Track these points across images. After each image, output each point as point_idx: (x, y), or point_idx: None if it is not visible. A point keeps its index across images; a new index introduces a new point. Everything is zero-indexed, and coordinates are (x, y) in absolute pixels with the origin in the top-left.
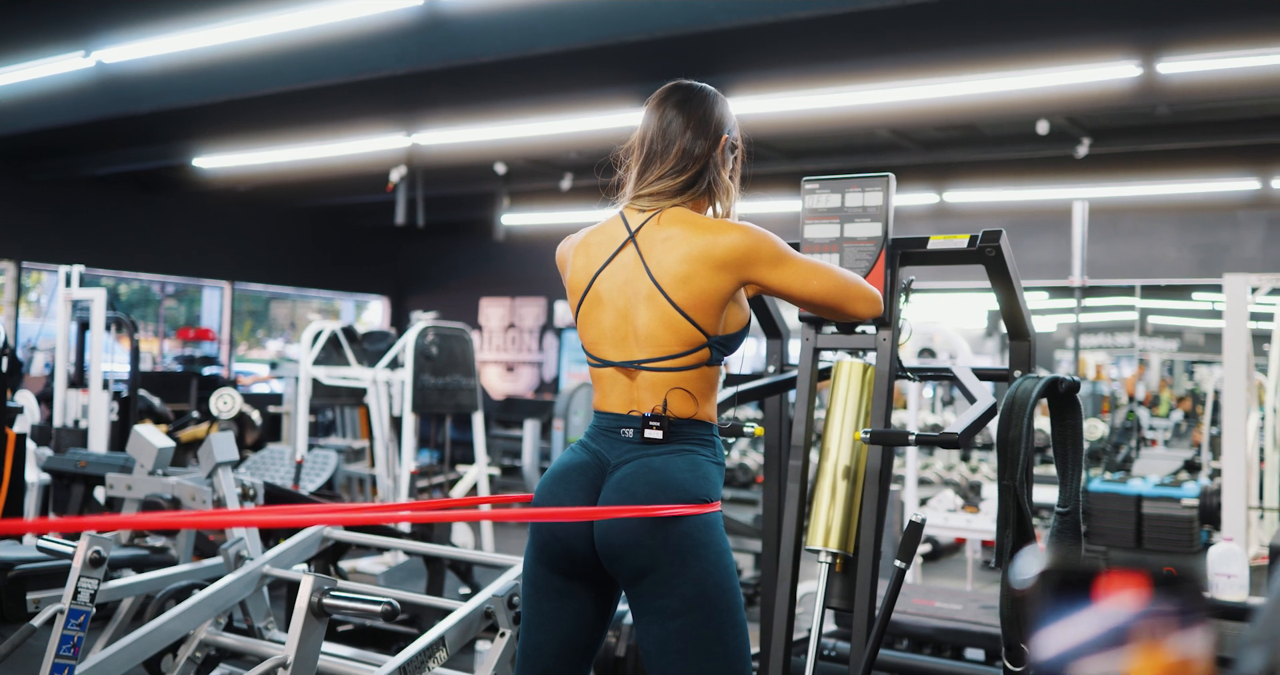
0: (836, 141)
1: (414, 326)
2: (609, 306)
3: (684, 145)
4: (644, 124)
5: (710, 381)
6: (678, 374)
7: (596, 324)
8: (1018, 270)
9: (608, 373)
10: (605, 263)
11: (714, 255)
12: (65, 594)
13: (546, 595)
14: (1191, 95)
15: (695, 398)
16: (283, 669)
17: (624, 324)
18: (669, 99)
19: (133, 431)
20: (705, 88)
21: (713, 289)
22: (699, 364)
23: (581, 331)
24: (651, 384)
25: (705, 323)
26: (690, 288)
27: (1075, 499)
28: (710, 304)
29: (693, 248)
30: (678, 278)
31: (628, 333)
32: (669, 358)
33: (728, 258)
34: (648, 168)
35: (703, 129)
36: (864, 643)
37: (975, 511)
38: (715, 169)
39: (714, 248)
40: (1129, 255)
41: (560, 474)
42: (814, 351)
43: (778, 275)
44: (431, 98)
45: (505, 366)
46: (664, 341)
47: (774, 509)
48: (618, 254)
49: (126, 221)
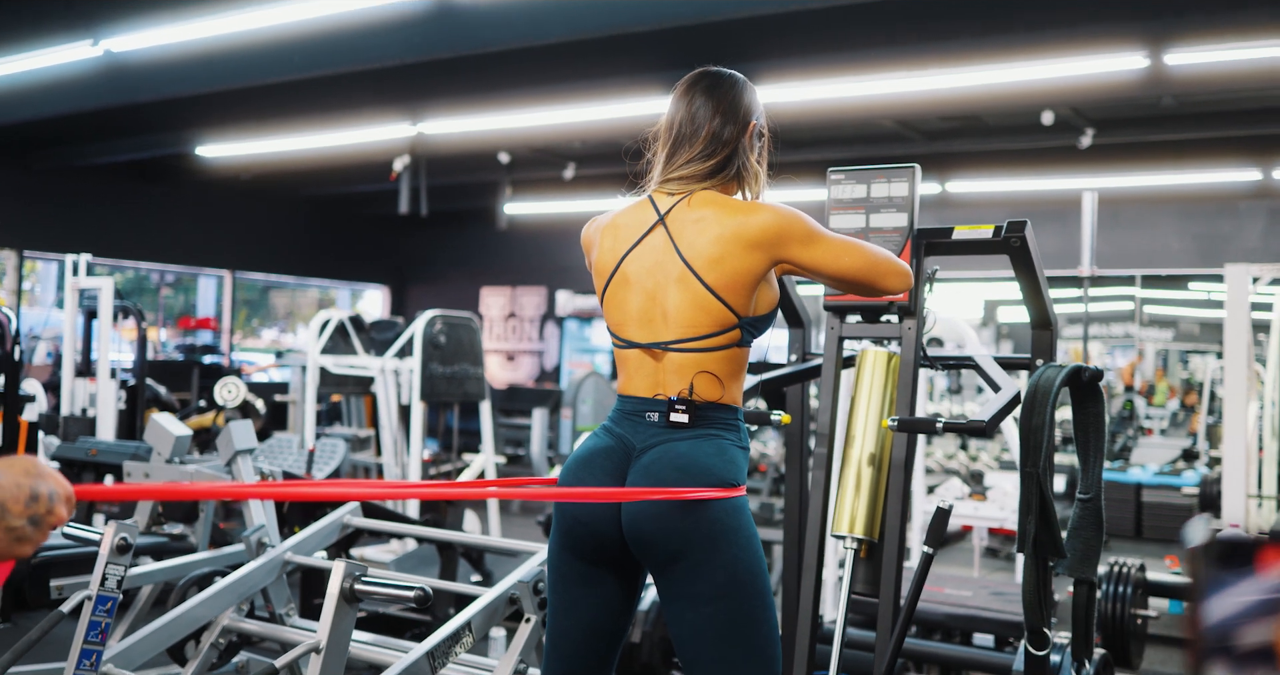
0: (841, 131)
1: (421, 316)
2: (637, 288)
3: (713, 129)
4: (671, 110)
5: (738, 364)
6: (706, 355)
7: (623, 305)
8: (1041, 261)
9: (633, 354)
10: (634, 245)
11: (746, 235)
12: (93, 580)
13: (572, 582)
14: (1196, 86)
15: (722, 381)
16: (315, 654)
17: (652, 305)
18: (697, 85)
19: (150, 419)
20: (733, 74)
21: (745, 269)
22: (728, 345)
23: (607, 313)
24: (678, 366)
25: (737, 303)
26: (723, 268)
27: (1097, 486)
28: (742, 284)
29: (725, 228)
30: (710, 259)
31: (656, 314)
32: (698, 338)
33: (760, 237)
34: (676, 151)
35: (731, 114)
36: (890, 627)
37: (982, 499)
38: (744, 154)
39: (746, 228)
40: (1130, 245)
41: (585, 459)
42: (839, 340)
43: (809, 253)
44: (438, 87)
45: (506, 356)
46: (694, 322)
47: (795, 496)
48: (646, 236)
49: (127, 210)
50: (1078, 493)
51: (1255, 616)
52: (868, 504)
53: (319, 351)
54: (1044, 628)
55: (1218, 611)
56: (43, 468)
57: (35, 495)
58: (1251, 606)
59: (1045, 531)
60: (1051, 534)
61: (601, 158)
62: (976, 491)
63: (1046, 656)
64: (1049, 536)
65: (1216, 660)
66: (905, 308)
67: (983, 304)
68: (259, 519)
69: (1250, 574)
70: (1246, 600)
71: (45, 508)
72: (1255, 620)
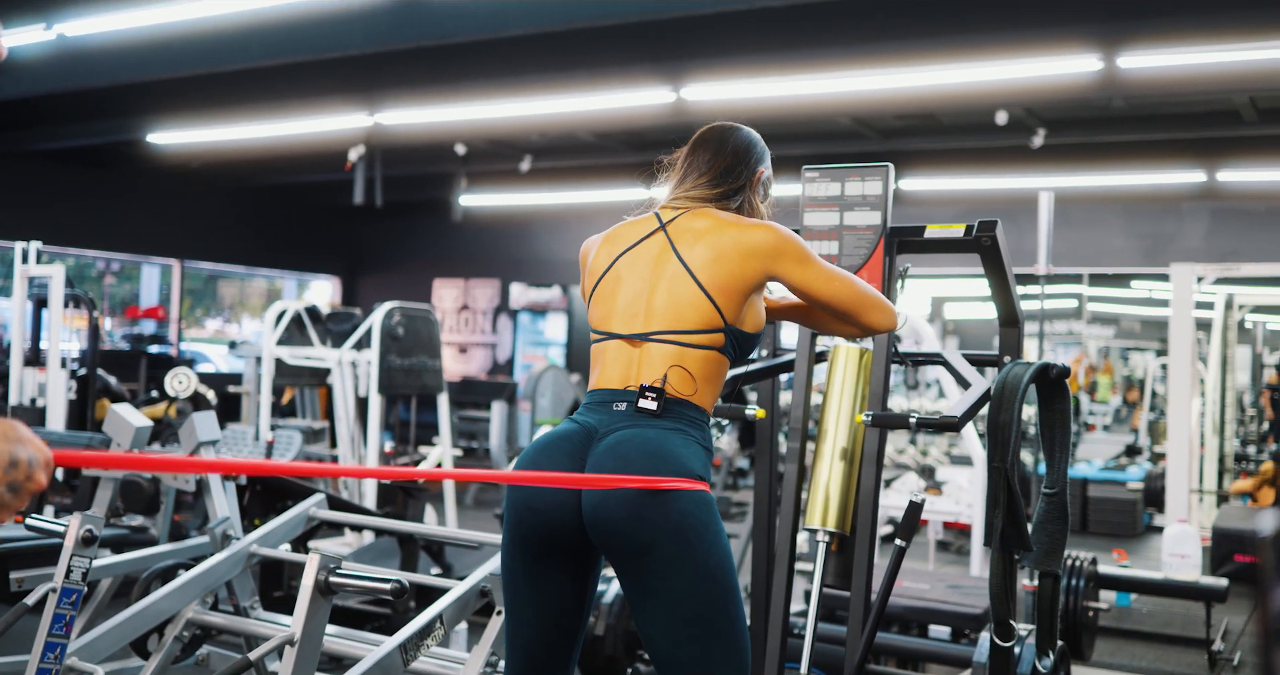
0: (797, 129)
1: (380, 308)
2: (627, 285)
3: (725, 164)
4: (687, 148)
5: (715, 369)
6: (685, 351)
7: (610, 300)
8: (1010, 259)
9: (611, 345)
10: (630, 247)
11: (744, 244)
12: (58, 573)
13: (522, 579)
14: (1147, 89)
15: (696, 380)
16: (290, 646)
17: (640, 301)
18: (714, 130)
19: (110, 409)
20: (748, 128)
21: (739, 274)
22: (709, 346)
23: (592, 309)
24: (656, 357)
25: (726, 308)
26: (717, 269)
27: (1062, 481)
28: (734, 289)
29: (724, 235)
30: (706, 260)
31: (641, 308)
32: (681, 333)
33: (758, 248)
34: (686, 177)
35: (744, 156)
36: (862, 619)
37: (937, 493)
38: (749, 192)
39: (744, 237)
40: (1077, 244)
41: (544, 444)
42: (811, 336)
43: (802, 272)
44: (395, 77)
45: (459, 348)
46: (681, 317)
47: (765, 490)
48: (645, 240)
49: (76, 197)
50: (1043, 487)
51: None
52: (840, 497)
53: (275, 342)
54: (1010, 619)
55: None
56: (22, 431)
57: (14, 461)
58: None
59: (1012, 525)
60: (1018, 528)
61: (558, 151)
62: (932, 486)
63: (1011, 648)
64: (1016, 530)
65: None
66: None
67: (930, 300)
68: (223, 511)
69: None
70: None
71: (25, 474)
72: None
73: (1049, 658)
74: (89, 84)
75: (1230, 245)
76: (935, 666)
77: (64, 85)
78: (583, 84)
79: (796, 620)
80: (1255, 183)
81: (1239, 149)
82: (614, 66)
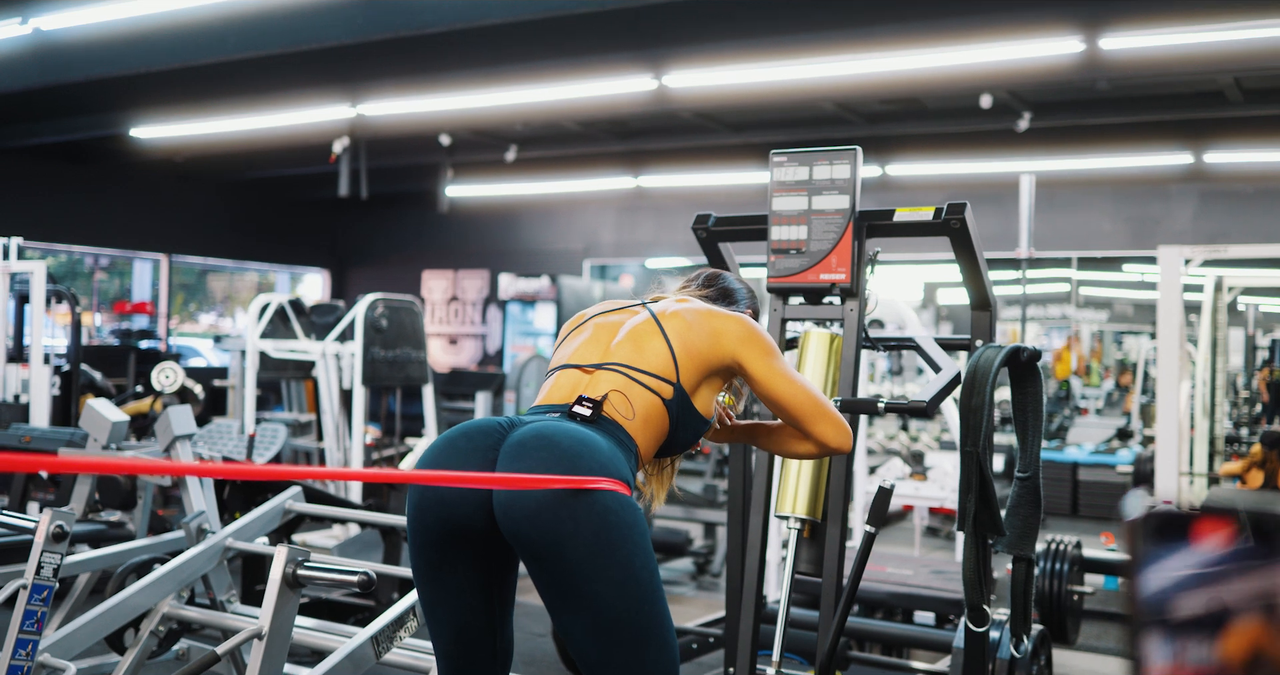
0: (781, 114)
1: (362, 300)
2: (595, 333)
3: (721, 288)
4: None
5: (654, 415)
6: (632, 383)
7: (573, 342)
8: (981, 242)
9: (562, 374)
10: (612, 310)
11: (716, 325)
12: (28, 569)
13: (432, 579)
14: (1131, 70)
15: (635, 411)
16: (258, 640)
17: (602, 343)
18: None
19: (86, 405)
20: None
21: (705, 348)
22: (655, 392)
23: (556, 353)
24: (603, 382)
25: (684, 368)
26: (687, 337)
27: (1035, 465)
28: (698, 359)
29: (699, 315)
30: (678, 327)
31: (602, 348)
32: (634, 370)
33: (726, 331)
34: (688, 285)
35: (738, 290)
36: (833, 606)
37: (922, 479)
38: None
39: (716, 320)
40: (1065, 228)
41: (452, 435)
42: (782, 322)
43: (763, 365)
44: (378, 68)
45: (448, 339)
46: (640, 357)
47: (739, 478)
48: (627, 308)
49: (59, 193)
50: (1016, 471)
51: (1189, 589)
52: (810, 484)
53: (259, 336)
54: (983, 605)
55: (1153, 584)
56: None
57: None
58: (1186, 579)
59: (985, 510)
60: (991, 512)
61: (543, 140)
62: (917, 471)
63: (986, 633)
64: (988, 515)
65: (1152, 632)
66: (847, 289)
67: (922, 286)
68: (199, 505)
69: (1185, 547)
70: (1181, 573)
71: None
72: (1189, 592)
73: (1026, 642)
74: (68, 78)
75: (1218, 227)
76: (919, 652)
77: (43, 80)
78: (565, 72)
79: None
80: (1242, 164)
81: (1225, 130)
82: (596, 54)
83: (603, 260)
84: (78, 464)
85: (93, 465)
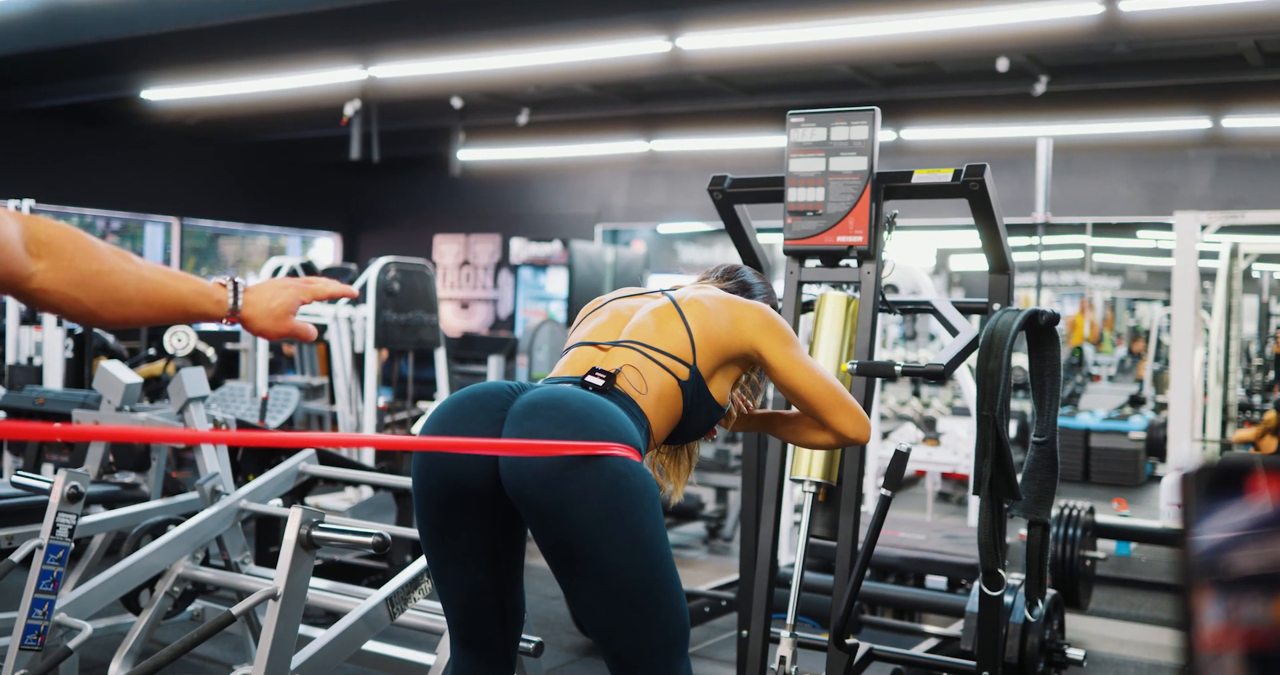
0: (795, 78)
1: (374, 263)
2: (613, 313)
3: (743, 281)
4: None
5: (667, 394)
6: (648, 361)
7: (589, 325)
8: (1000, 205)
9: (579, 350)
10: (630, 295)
11: (734, 313)
12: (44, 529)
13: (440, 542)
14: (1150, 33)
15: (649, 388)
16: (273, 600)
17: (618, 324)
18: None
19: (99, 367)
20: None
21: (723, 334)
22: (671, 372)
23: (572, 335)
24: (617, 357)
25: (701, 352)
26: (706, 321)
27: (1052, 429)
28: (716, 345)
29: (719, 302)
30: (698, 312)
31: (620, 327)
32: (651, 348)
33: (746, 318)
34: (708, 276)
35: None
36: (848, 570)
37: (935, 444)
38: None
39: (736, 307)
40: (1080, 193)
41: (458, 398)
42: (798, 284)
43: (782, 353)
44: (389, 30)
45: (460, 303)
46: (657, 337)
47: (753, 442)
48: (646, 294)
49: (71, 156)
50: (1033, 436)
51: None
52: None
53: None
54: (999, 569)
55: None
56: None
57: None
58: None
59: (1000, 474)
60: (1007, 477)
61: (556, 103)
62: (930, 437)
63: (1000, 597)
64: (1004, 479)
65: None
66: (864, 252)
67: (935, 252)
68: (213, 467)
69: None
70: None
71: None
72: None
73: (1040, 606)
74: (79, 40)
75: (1236, 193)
76: (931, 616)
77: (53, 42)
78: (577, 34)
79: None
80: (1261, 129)
81: (1244, 94)
82: (609, 16)
83: (615, 225)
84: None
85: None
